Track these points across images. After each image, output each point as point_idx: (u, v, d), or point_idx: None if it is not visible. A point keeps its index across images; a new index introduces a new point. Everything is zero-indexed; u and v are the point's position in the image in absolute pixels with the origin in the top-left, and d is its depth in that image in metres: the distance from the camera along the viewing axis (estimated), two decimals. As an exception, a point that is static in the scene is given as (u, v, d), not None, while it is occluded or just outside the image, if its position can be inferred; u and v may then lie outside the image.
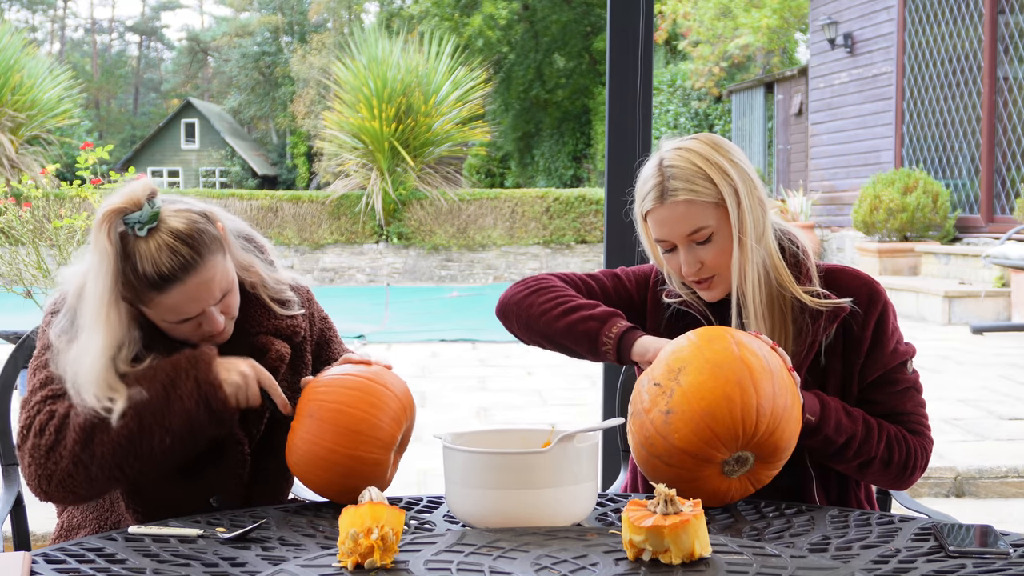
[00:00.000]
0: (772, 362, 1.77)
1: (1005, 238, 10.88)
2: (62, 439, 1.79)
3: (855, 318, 2.01)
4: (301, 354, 2.05)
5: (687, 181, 1.97)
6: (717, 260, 1.99)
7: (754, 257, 1.98)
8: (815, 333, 1.99)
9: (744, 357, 1.74)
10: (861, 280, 2.04)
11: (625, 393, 2.46)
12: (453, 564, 1.47)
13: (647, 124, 3.29)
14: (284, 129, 41.88)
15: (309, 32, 42.51)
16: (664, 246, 2.02)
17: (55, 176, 6.20)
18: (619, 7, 3.26)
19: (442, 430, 1.79)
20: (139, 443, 1.79)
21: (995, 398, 6.69)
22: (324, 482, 1.82)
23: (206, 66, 51.70)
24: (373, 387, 1.83)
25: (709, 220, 1.97)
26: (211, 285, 1.84)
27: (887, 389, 2.01)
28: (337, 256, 18.11)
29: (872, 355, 2.01)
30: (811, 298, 2.00)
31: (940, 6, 13.76)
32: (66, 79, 18.81)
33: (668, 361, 1.78)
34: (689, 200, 1.96)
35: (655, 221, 2.01)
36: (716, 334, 1.80)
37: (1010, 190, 12.71)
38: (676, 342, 1.83)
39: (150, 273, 1.79)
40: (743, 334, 1.81)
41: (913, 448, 1.98)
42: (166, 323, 1.87)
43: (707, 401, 1.70)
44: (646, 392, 1.78)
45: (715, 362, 1.73)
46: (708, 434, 1.70)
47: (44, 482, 1.81)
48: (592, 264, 17.74)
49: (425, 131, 18.28)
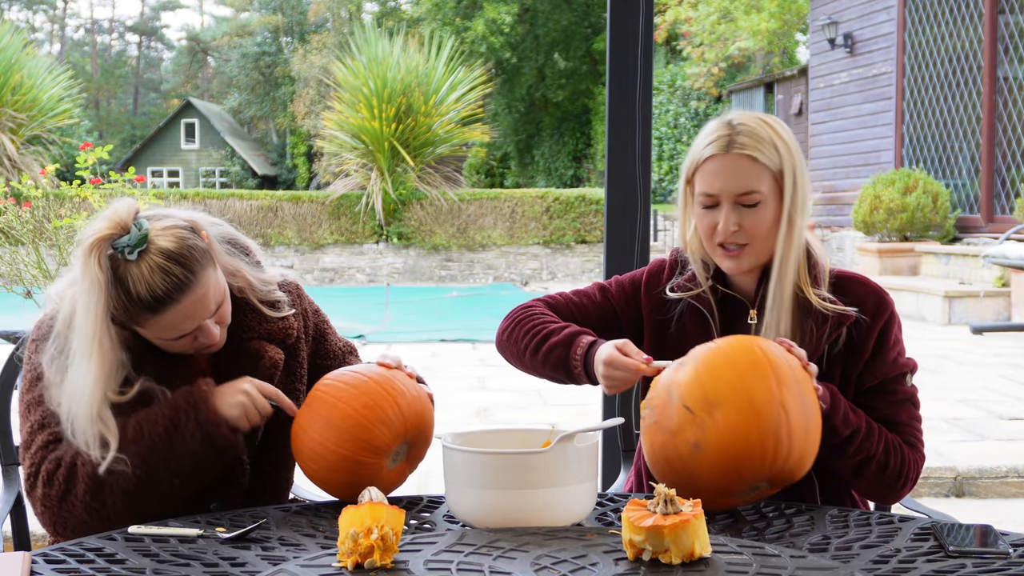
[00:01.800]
0: (804, 389, 1.71)
1: (1004, 238, 10.88)
2: (72, 488, 1.80)
3: (860, 325, 2.00)
4: (295, 355, 2.03)
5: (757, 140, 1.96)
6: (755, 229, 1.97)
7: (798, 240, 1.98)
8: (819, 338, 1.99)
9: (784, 401, 1.66)
10: (870, 288, 2.04)
11: (625, 393, 2.46)
12: (453, 564, 1.47)
13: (647, 124, 3.29)
14: (284, 129, 41.90)
15: (309, 32, 42.53)
16: (708, 201, 1.99)
17: (55, 176, 6.21)
18: (619, 7, 3.26)
19: (442, 430, 1.79)
20: (149, 488, 1.80)
21: (995, 398, 6.69)
22: (315, 471, 1.82)
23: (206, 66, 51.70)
24: (376, 390, 1.80)
25: (763, 186, 1.96)
26: (206, 300, 1.83)
27: (884, 398, 2.01)
28: (337, 256, 18.12)
29: (872, 363, 2.00)
30: (819, 301, 1.99)
31: (940, 6, 13.76)
32: (66, 79, 18.81)
33: (704, 385, 1.69)
34: (753, 158, 1.95)
35: (710, 170, 1.97)
36: (755, 360, 1.70)
37: (1010, 190, 12.71)
38: (711, 356, 1.72)
39: (145, 296, 1.77)
40: (777, 354, 1.73)
41: (907, 458, 1.98)
42: (161, 340, 1.86)
43: (741, 446, 1.65)
44: (675, 411, 1.70)
45: (756, 405, 1.66)
46: (734, 475, 1.68)
47: (60, 528, 1.84)
48: (592, 264, 17.74)
49: (425, 131, 18.28)
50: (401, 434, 1.81)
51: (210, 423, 1.81)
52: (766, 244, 1.99)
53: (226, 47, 46.76)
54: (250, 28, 45.85)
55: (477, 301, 14.98)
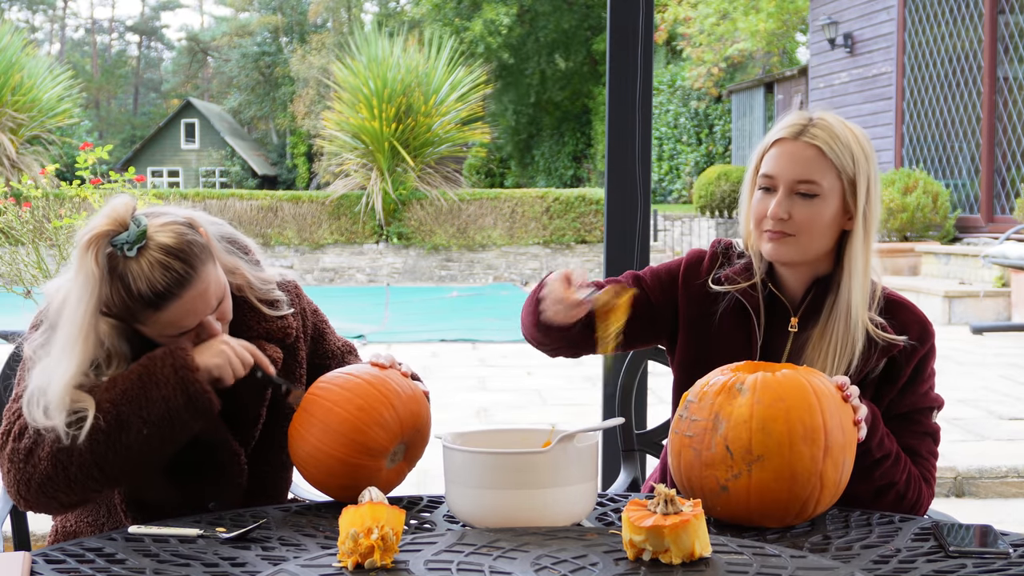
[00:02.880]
0: (848, 455, 1.68)
1: (1004, 238, 10.88)
2: (41, 442, 1.77)
3: (902, 352, 1.96)
4: (294, 354, 2.03)
5: (831, 136, 1.94)
6: (807, 221, 1.93)
7: (868, 257, 1.94)
8: (865, 363, 1.94)
9: (824, 472, 1.64)
10: (916, 317, 2.00)
11: (625, 393, 2.46)
12: (453, 564, 1.47)
13: (647, 124, 3.29)
14: (284, 129, 41.89)
15: (309, 32, 42.54)
16: (766, 183, 1.96)
17: (55, 176, 6.20)
18: (619, 8, 3.26)
19: (442, 430, 1.78)
20: (117, 435, 1.76)
21: (995, 398, 6.69)
22: (310, 474, 1.82)
23: (206, 66, 51.70)
24: (368, 392, 1.80)
25: (825, 180, 1.93)
26: (206, 295, 1.82)
27: (909, 428, 1.98)
28: (337, 256, 18.11)
29: (905, 391, 1.97)
30: (873, 328, 1.95)
31: (940, 6, 13.76)
32: (66, 79, 18.80)
33: (753, 432, 1.63)
34: (822, 150, 1.93)
35: (775, 154, 1.95)
36: (810, 421, 1.64)
37: (1010, 190, 12.71)
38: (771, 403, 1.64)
39: (145, 292, 1.76)
40: (832, 411, 1.66)
41: (923, 494, 1.95)
42: (163, 337, 1.85)
43: (767, 504, 1.64)
44: (715, 444, 1.65)
45: (795, 473, 1.62)
46: (749, 522, 1.68)
47: (23, 488, 1.79)
48: (592, 264, 17.73)
49: (425, 131, 18.27)
50: (398, 435, 1.81)
51: (185, 368, 1.78)
52: (814, 243, 1.95)
53: (226, 47, 46.76)
54: (250, 28, 45.85)
55: (477, 301, 14.98)
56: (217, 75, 49.69)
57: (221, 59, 48.47)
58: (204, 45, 50.73)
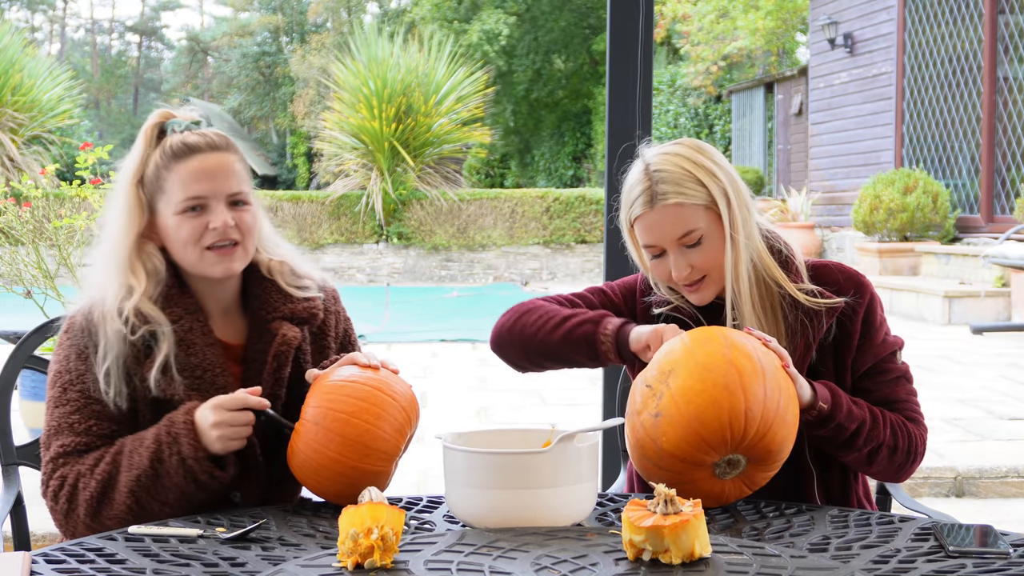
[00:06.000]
0: (765, 362, 1.76)
1: (1004, 238, 10.87)
2: (74, 508, 1.87)
3: (844, 312, 2.02)
4: (323, 338, 2.07)
5: (676, 184, 1.97)
6: (707, 262, 2.00)
7: (744, 255, 1.99)
8: (814, 331, 2.00)
9: (734, 360, 1.73)
10: (847, 274, 2.07)
11: (625, 393, 2.46)
12: (453, 564, 1.47)
13: (647, 124, 3.29)
14: (284, 129, 41.88)
15: (309, 32, 42.53)
16: (653, 251, 2.02)
17: (55, 176, 6.20)
18: (619, 7, 3.26)
19: (442, 430, 1.79)
20: (141, 515, 1.84)
21: (995, 398, 6.69)
22: (325, 488, 1.82)
23: (206, 66, 51.69)
24: (380, 398, 1.82)
25: (699, 222, 1.98)
26: (228, 171, 1.94)
27: (879, 378, 2.03)
28: (337, 256, 18.11)
29: (863, 347, 2.03)
30: (806, 296, 2.01)
31: (940, 6, 13.76)
32: (66, 79, 18.79)
33: (660, 363, 1.78)
34: (679, 203, 1.97)
35: (644, 226, 2.01)
36: (709, 336, 1.79)
37: (1010, 190, 12.71)
38: (670, 343, 1.83)
39: (177, 144, 1.93)
40: (737, 334, 1.80)
41: (913, 435, 2.00)
42: (176, 216, 1.92)
43: (694, 405, 1.70)
44: (639, 394, 1.78)
45: (705, 365, 1.72)
46: (696, 438, 1.70)
47: (68, 535, 1.92)
48: (592, 264, 17.74)
49: (425, 131, 18.26)
50: (406, 432, 1.85)
51: (194, 458, 1.83)
52: (722, 267, 2.01)
53: (226, 47, 46.74)
54: (250, 28, 45.83)
55: (477, 301, 14.97)
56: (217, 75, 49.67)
57: (221, 59, 48.46)
58: (204, 45, 50.73)
